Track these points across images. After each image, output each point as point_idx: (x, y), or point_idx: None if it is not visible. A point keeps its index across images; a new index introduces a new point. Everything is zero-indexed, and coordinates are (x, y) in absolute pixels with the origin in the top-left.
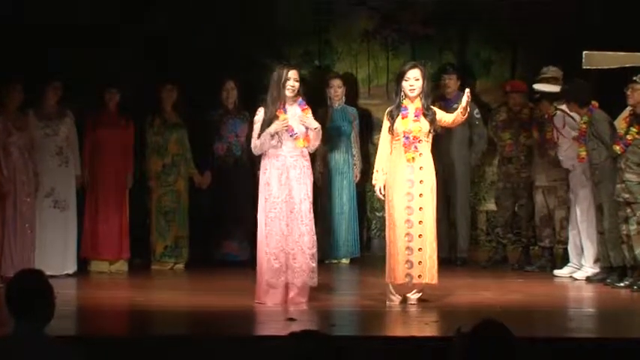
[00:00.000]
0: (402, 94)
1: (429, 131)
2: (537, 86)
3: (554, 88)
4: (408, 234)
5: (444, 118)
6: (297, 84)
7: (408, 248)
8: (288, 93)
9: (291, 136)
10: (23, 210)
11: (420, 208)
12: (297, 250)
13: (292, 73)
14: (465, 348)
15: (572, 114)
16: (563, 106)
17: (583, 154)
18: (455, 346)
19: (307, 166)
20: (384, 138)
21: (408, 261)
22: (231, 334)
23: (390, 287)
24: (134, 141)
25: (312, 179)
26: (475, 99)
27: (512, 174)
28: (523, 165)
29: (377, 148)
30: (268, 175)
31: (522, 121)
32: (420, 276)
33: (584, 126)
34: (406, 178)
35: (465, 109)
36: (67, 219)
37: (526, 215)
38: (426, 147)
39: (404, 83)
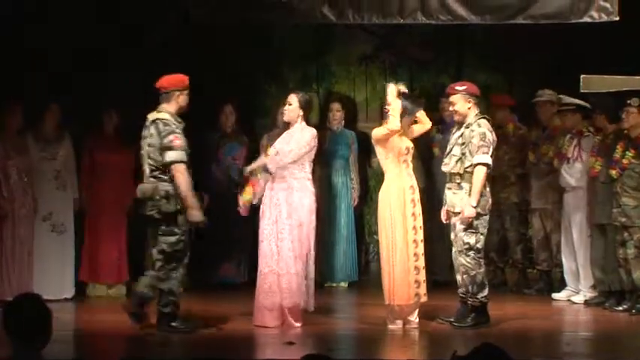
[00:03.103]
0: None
1: None
2: (566, 98)
3: (583, 102)
4: (415, 254)
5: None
6: (288, 107)
7: (416, 268)
8: (284, 117)
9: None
10: (21, 233)
11: (421, 227)
12: (286, 272)
13: (289, 98)
14: None
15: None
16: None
17: (598, 167)
18: None
19: (301, 188)
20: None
21: (416, 281)
22: (229, 357)
23: (394, 310)
24: (133, 164)
25: (308, 203)
26: None
27: (494, 195)
28: (505, 186)
29: (375, 172)
30: (264, 198)
31: (505, 137)
32: (425, 294)
33: (608, 141)
34: (409, 199)
35: None
36: (65, 243)
37: (515, 239)
38: None
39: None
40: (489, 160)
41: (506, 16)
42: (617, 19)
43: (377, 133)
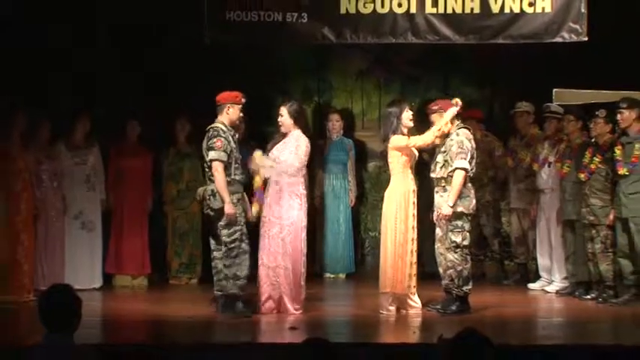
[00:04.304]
0: (401, 125)
1: None
2: (553, 106)
3: (560, 109)
4: (411, 250)
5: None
6: (280, 118)
7: (411, 263)
8: (280, 129)
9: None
10: (53, 230)
11: (414, 227)
12: (275, 265)
13: (279, 111)
14: (447, 353)
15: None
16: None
17: (566, 169)
18: (437, 352)
19: (291, 190)
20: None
21: (410, 274)
22: (237, 341)
23: (389, 298)
24: (153, 169)
25: (298, 204)
26: None
27: None
28: (479, 186)
29: (370, 175)
30: (264, 198)
31: (476, 143)
32: (414, 286)
33: (574, 145)
34: (412, 201)
35: None
36: (94, 238)
37: (491, 233)
38: None
39: (408, 114)
40: (467, 165)
41: (487, 36)
42: (586, 39)
43: (408, 142)
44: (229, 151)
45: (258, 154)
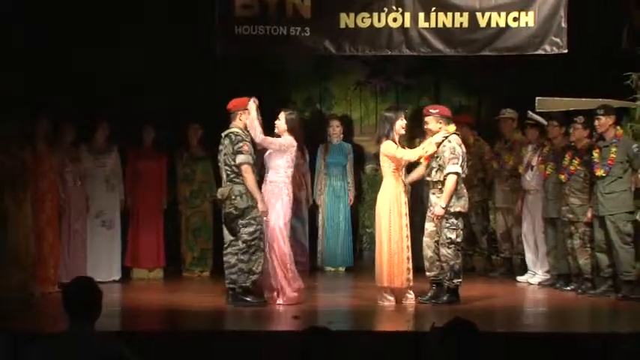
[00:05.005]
0: (394, 131)
1: None
2: (532, 115)
3: (542, 120)
4: (407, 246)
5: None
6: (277, 121)
7: (408, 258)
8: (275, 131)
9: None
10: (76, 228)
11: (407, 225)
12: (269, 258)
13: (279, 115)
14: (439, 340)
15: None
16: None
17: (549, 171)
18: (430, 339)
19: (273, 190)
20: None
21: (408, 268)
22: (246, 329)
23: (387, 290)
24: (167, 171)
25: (279, 205)
26: None
27: None
28: (469, 187)
29: (368, 177)
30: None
31: (467, 147)
32: (411, 279)
33: (557, 149)
34: (403, 201)
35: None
36: (113, 235)
37: (480, 231)
38: None
39: (401, 122)
40: (459, 170)
41: (475, 49)
42: (566, 51)
43: (396, 152)
44: (252, 154)
45: (252, 105)
